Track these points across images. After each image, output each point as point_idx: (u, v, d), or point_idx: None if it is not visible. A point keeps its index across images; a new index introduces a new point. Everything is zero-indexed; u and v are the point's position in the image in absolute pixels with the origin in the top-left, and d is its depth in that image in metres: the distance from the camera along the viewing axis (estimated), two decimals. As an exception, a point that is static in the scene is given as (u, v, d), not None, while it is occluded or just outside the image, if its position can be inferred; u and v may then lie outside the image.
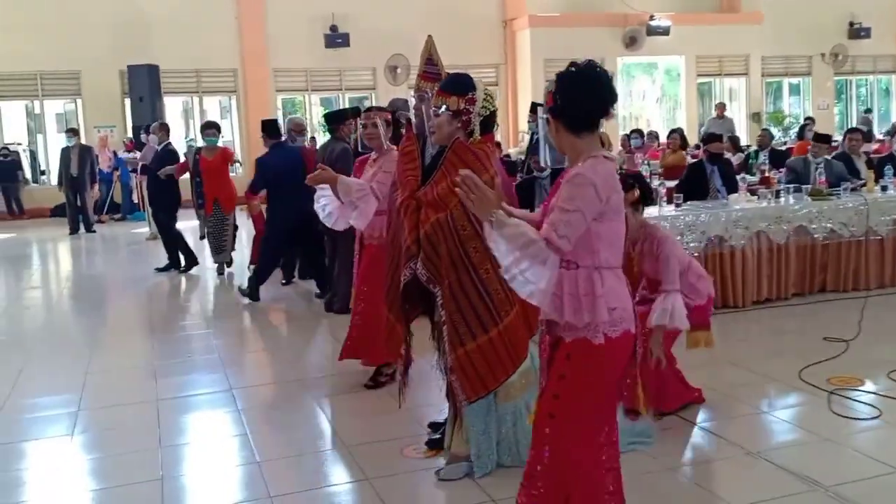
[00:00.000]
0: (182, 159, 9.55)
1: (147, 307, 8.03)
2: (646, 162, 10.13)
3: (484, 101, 3.46)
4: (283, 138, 8.04)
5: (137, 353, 6.11)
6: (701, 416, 4.26)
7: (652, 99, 22.15)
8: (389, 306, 3.68)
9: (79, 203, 13.41)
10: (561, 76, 2.56)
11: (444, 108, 3.38)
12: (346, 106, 17.02)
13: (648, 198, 4.28)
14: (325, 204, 4.53)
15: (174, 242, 9.38)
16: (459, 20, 17.74)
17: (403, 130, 4.00)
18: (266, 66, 16.89)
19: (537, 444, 2.54)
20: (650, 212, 6.45)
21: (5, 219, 15.40)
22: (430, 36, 3.89)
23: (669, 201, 6.79)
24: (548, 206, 2.51)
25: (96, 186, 13.98)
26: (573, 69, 2.55)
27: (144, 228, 12.41)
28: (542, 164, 5.18)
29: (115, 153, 15.46)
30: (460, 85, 3.45)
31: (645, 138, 12.64)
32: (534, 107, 7.99)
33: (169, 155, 9.41)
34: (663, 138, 14.27)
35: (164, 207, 9.39)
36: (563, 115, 2.54)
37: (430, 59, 3.80)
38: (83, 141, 14.56)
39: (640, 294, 4.17)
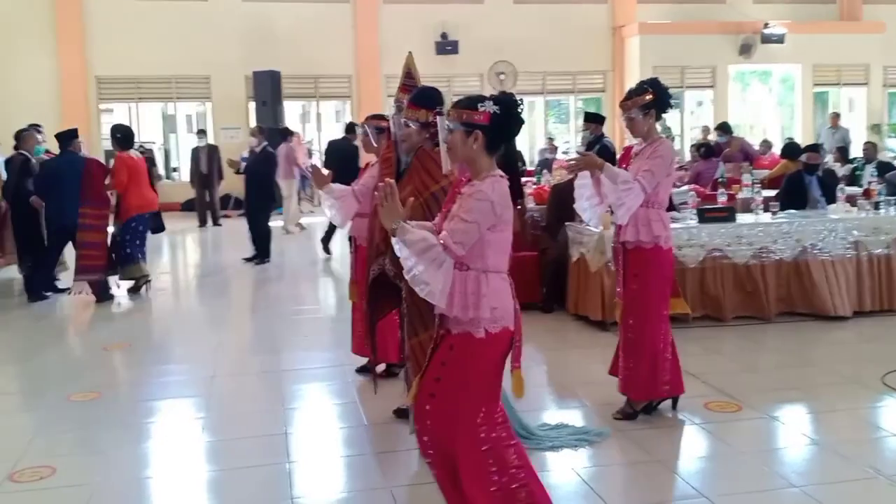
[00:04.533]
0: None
1: (265, 290, 8.77)
2: (749, 170, 10.15)
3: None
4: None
5: (261, 331, 6.79)
6: (781, 411, 4.48)
7: (767, 107, 21.70)
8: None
9: (207, 198, 14.45)
10: (504, 100, 2.79)
11: (414, 121, 3.68)
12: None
13: (666, 103, 4.35)
14: (331, 204, 4.77)
15: (264, 236, 10.15)
16: (568, 27, 18.03)
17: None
18: (378, 72, 17.65)
19: (420, 418, 2.85)
20: (745, 218, 6.66)
21: (140, 211, 16.72)
22: (409, 52, 4.20)
23: (766, 209, 6.92)
24: (447, 213, 2.82)
25: (223, 183, 15.00)
26: (513, 97, 2.86)
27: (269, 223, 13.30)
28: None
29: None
30: (429, 99, 3.73)
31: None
32: (587, 116, 8.37)
33: (266, 157, 10.18)
34: (777, 149, 14.11)
35: (261, 204, 10.16)
36: (493, 133, 2.76)
37: (409, 73, 4.08)
38: (211, 141, 15.67)
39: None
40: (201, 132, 15.10)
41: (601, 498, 3.51)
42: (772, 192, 7.94)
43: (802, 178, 7.60)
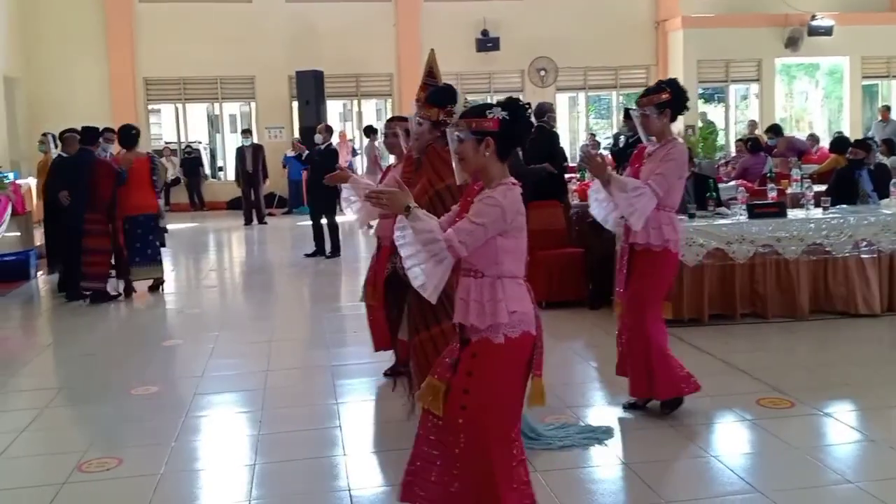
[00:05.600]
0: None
1: (311, 287, 8.91)
2: (797, 164, 10.01)
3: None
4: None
5: (311, 327, 6.90)
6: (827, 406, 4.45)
7: (814, 101, 21.32)
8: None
9: (252, 197, 14.69)
10: (513, 106, 2.78)
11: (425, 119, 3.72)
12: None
13: (682, 104, 4.30)
14: (354, 202, 4.76)
15: (328, 231, 10.33)
16: (611, 22, 17.93)
17: None
18: (420, 70, 17.68)
19: (452, 432, 2.77)
20: (796, 213, 6.59)
21: (187, 210, 17.10)
22: (432, 49, 4.23)
23: (817, 205, 6.84)
24: (456, 220, 2.79)
25: (268, 182, 15.21)
26: (520, 101, 2.84)
27: (309, 221, 13.48)
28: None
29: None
30: (441, 98, 3.77)
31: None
32: (627, 113, 8.29)
33: (330, 153, 10.33)
34: (824, 142, 13.85)
35: (321, 201, 10.34)
36: (504, 139, 2.76)
37: (431, 72, 4.11)
38: (255, 140, 15.93)
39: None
40: (246, 132, 15.34)
41: (655, 492, 3.53)
42: (821, 188, 7.84)
43: (853, 173, 7.49)
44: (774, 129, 12.68)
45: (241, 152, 14.77)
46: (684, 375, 4.33)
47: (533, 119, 2.88)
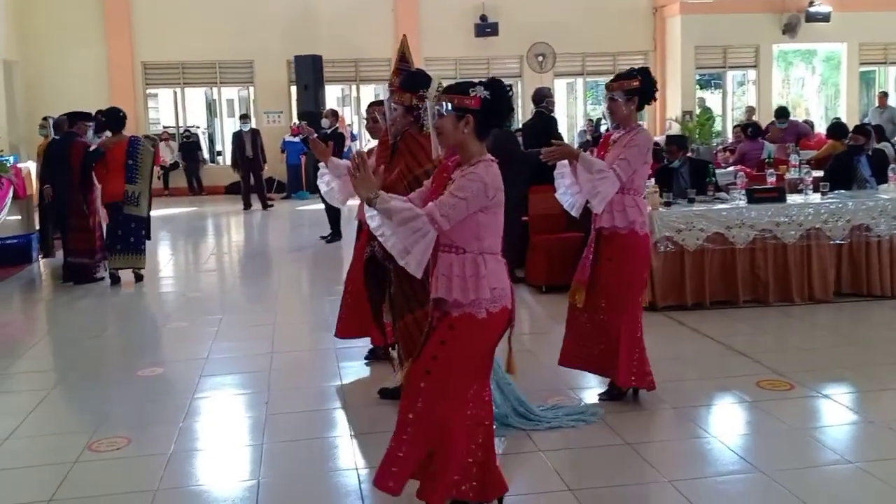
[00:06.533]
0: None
1: (312, 271, 8.96)
2: (796, 150, 10.05)
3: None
4: None
5: (313, 310, 6.95)
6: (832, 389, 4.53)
7: (811, 87, 21.35)
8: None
9: (253, 182, 14.58)
10: (496, 86, 2.84)
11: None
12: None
13: (650, 94, 4.30)
14: (328, 181, 4.71)
15: (336, 215, 10.32)
16: (608, 8, 17.90)
17: None
18: (419, 54, 17.69)
19: (411, 395, 2.89)
20: (795, 198, 6.64)
21: (186, 195, 17.09)
22: (404, 35, 4.25)
23: (815, 189, 6.89)
24: (433, 197, 2.83)
25: (266, 166, 15.16)
26: (503, 83, 2.89)
27: (308, 206, 13.53)
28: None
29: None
30: (414, 83, 3.79)
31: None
32: None
33: (337, 138, 10.34)
34: (820, 128, 13.91)
35: None
36: (484, 117, 2.82)
37: (403, 57, 4.12)
38: (253, 125, 15.88)
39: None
40: (245, 117, 15.22)
41: (657, 470, 3.60)
42: (819, 173, 7.88)
43: (851, 159, 7.54)
44: (783, 112, 12.71)
45: (238, 137, 14.63)
46: (648, 371, 4.33)
47: (514, 102, 2.92)
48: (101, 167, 8.02)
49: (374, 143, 5.03)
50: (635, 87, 4.25)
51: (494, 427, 3.07)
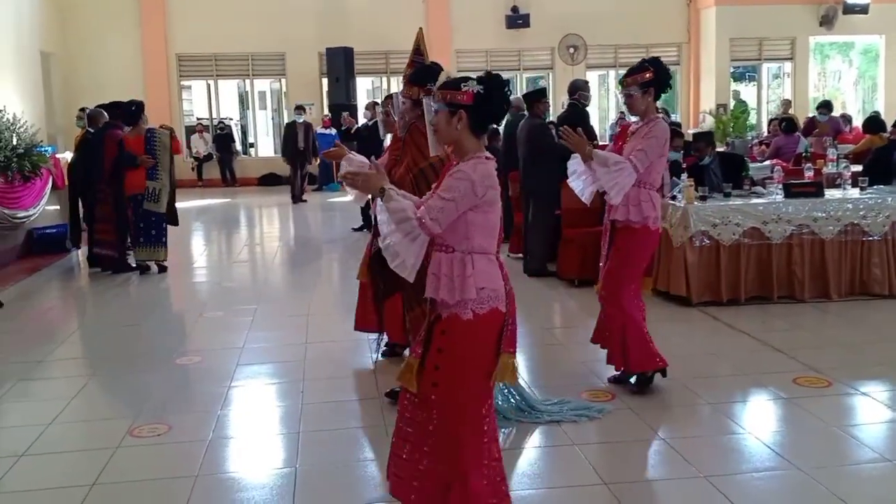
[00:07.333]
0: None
1: (344, 262, 9.01)
2: (833, 144, 9.91)
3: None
4: None
5: (346, 301, 6.98)
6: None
7: (847, 81, 20.99)
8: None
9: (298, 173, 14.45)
10: (490, 81, 2.75)
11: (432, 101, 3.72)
12: (524, 85, 17.68)
13: (665, 83, 4.32)
14: None
15: (367, 206, 10.39)
16: (642, -1, 17.74)
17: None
18: (450, 47, 17.68)
19: (426, 408, 2.79)
20: (833, 193, 6.55)
21: (219, 186, 17.28)
22: (420, 28, 4.22)
23: (854, 184, 6.80)
24: (433, 195, 2.77)
25: (316, 160, 15.16)
26: (499, 77, 2.81)
27: (339, 198, 13.60)
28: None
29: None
30: (422, 76, 3.77)
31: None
32: None
33: (375, 128, 10.42)
34: (857, 122, 13.65)
35: None
36: (477, 113, 2.74)
37: (418, 50, 4.11)
38: (286, 118, 15.98)
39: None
40: (300, 108, 14.86)
41: (693, 466, 3.59)
42: (857, 168, 7.77)
43: (891, 153, 7.42)
44: (826, 105, 12.50)
45: (292, 128, 14.42)
46: (655, 351, 4.40)
47: (512, 97, 2.91)
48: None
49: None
50: (649, 79, 4.27)
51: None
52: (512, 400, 4.10)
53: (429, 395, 2.79)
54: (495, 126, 6.62)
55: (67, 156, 10.78)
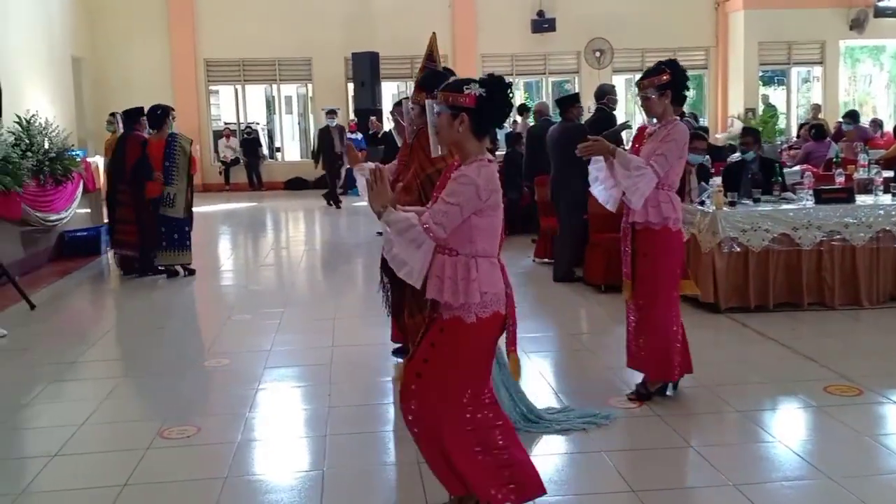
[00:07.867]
0: None
1: (370, 266, 9.02)
2: (864, 149, 9.78)
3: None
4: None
5: (371, 305, 7.01)
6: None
7: (878, 85, 20.73)
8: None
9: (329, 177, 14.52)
10: (493, 84, 2.75)
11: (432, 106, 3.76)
12: (550, 90, 17.65)
13: (682, 85, 4.26)
14: (363, 186, 4.67)
15: None
16: (669, 2, 17.65)
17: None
18: (475, 51, 17.71)
19: (406, 398, 2.88)
20: (865, 199, 6.47)
21: (246, 190, 17.43)
22: (433, 33, 4.21)
23: (886, 190, 6.70)
24: (436, 198, 2.77)
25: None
26: (502, 79, 2.79)
27: (364, 202, 13.62)
28: None
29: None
30: (429, 82, 3.75)
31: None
32: None
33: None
34: (888, 127, 13.47)
35: None
36: (479, 116, 2.74)
37: (431, 56, 4.11)
38: (312, 122, 16.09)
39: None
40: (332, 112, 14.74)
41: (722, 474, 3.56)
42: (889, 174, 7.65)
43: (924, 159, 7.31)
44: (852, 115, 12.37)
45: (326, 132, 14.39)
46: (679, 362, 4.35)
47: (515, 100, 2.91)
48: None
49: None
50: (666, 81, 4.22)
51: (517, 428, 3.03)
52: (519, 409, 4.08)
53: (410, 384, 2.87)
54: (518, 132, 6.58)
55: (98, 159, 10.95)
